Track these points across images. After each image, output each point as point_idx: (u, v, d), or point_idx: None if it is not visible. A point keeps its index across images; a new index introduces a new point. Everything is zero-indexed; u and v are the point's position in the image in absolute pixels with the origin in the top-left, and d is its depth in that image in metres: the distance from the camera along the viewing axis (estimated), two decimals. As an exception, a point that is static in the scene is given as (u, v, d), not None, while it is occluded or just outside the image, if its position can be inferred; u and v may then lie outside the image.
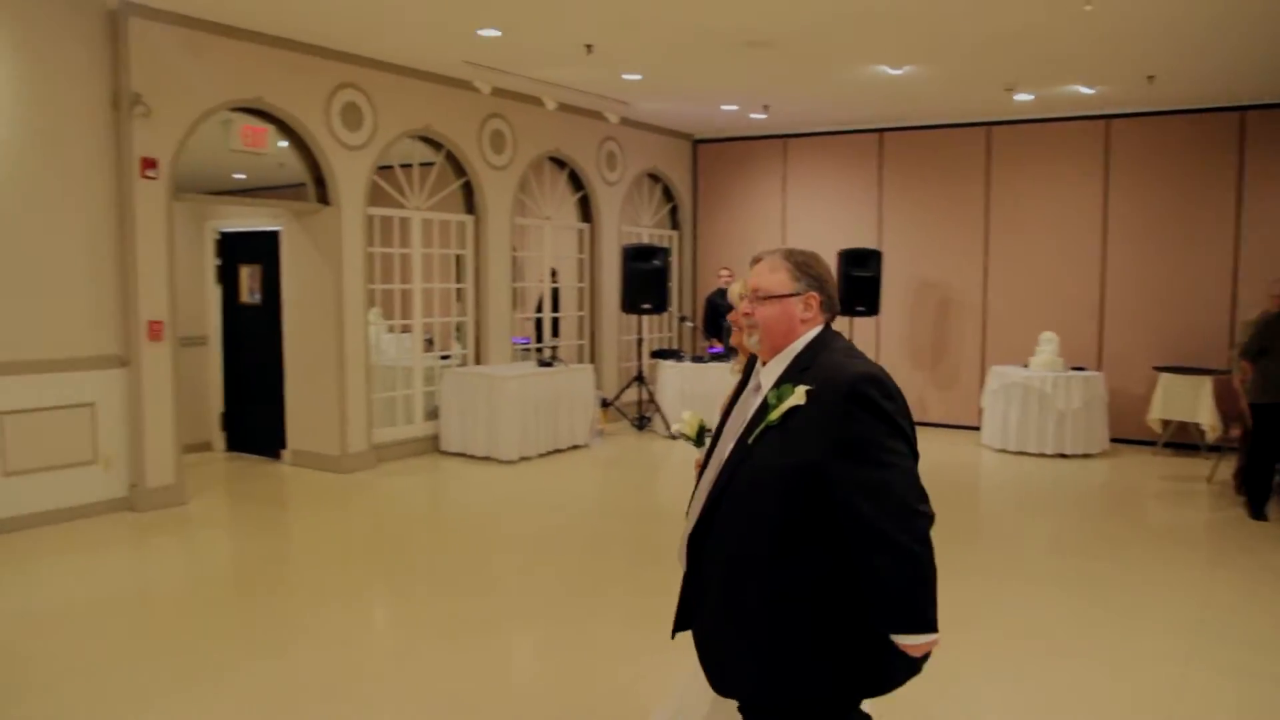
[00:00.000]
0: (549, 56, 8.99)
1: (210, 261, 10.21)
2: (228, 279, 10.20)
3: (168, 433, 7.77)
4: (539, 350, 11.63)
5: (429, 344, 10.62)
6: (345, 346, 9.14)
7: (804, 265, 2.68)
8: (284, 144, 8.78)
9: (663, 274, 11.70)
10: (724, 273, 11.96)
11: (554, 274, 12.25)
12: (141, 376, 7.58)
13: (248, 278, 10.05)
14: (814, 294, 2.65)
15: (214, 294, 10.23)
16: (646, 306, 11.63)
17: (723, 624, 2.59)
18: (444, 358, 10.61)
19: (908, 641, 2.43)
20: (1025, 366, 10.68)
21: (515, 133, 10.86)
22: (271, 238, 9.66)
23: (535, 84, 10.19)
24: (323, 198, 9.06)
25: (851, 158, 12.71)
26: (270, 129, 8.54)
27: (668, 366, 11.51)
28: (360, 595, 5.91)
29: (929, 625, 2.41)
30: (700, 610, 2.68)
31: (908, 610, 2.40)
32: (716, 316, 11.93)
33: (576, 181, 12.13)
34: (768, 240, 13.28)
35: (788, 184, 13.19)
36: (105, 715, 4.19)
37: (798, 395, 2.50)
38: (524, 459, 9.83)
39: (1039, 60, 8.82)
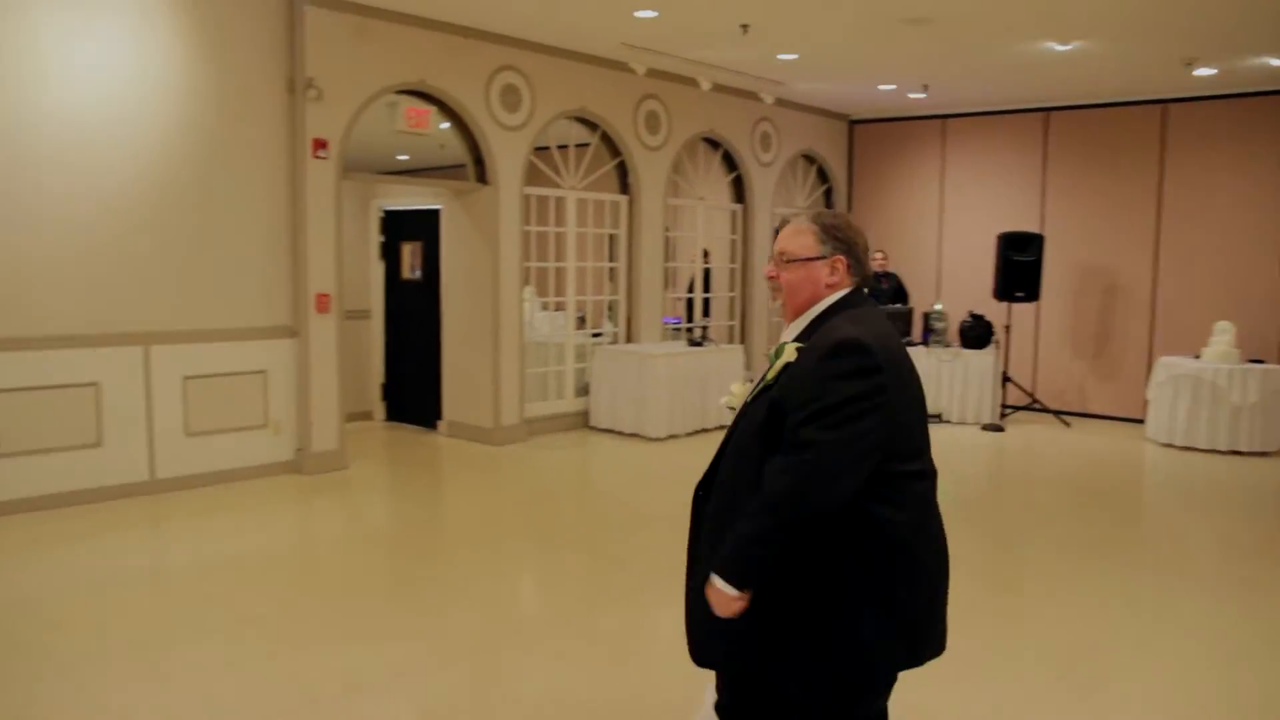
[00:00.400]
0: (704, 37, 9.00)
1: (374, 239, 10.63)
2: (390, 255, 10.61)
3: (332, 401, 8.16)
4: (689, 330, 11.69)
5: (581, 321, 10.81)
6: (500, 322, 9.40)
7: (832, 229, 2.61)
8: (445, 125, 9.06)
9: (815, 256, 11.55)
10: (878, 255, 11.76)
11: (706, 254, 12.29)
12: (309, 347, 7.98)
13: (409, 254, 10.43)
14: (840, 257, 2.58)
15: (377, 270, 10.66)
16: (798, 288, 11.52)
17: (705, 586, 2.50)
18: (595, 335, 10.79)
19: (716, 584, 2.39)
20: (1197, 358, 10.14)
21: (670, 113, 10.91)
22: (432, 216, 10.00)
23: (690, 65, 10.22)
24: (481, 177, 9.32)
25: (1014, 138, 12.29)
26: (433, 110, 8.82)
27: (818, 349, 11.39)
28: (509, 561, 6.10)
29: (740, 578, 2.37)
30: (691, 571, 2.64)
31: (737, 551, 2.37)
32: (869, 300, 11.76)
33: (730, 162, 12.11)
34: (924, 223, 13.01)
35: (946, 166, 12.86)
36: (276, 660, 4.46)
37: (789, 353, 2.48)
38: (671, 436, 9.92)
39: (1223, 31, 8.34)
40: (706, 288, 12.35)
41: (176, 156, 7.27)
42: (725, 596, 2.38)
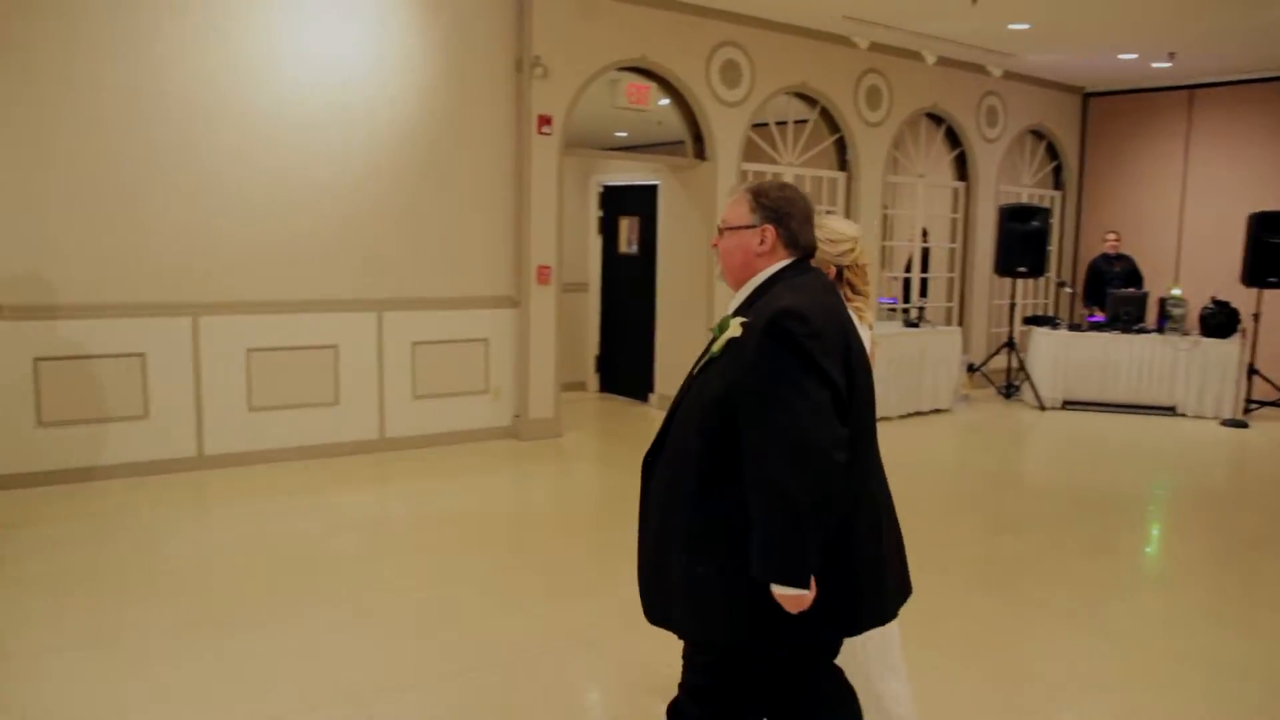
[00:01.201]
0: (931, 8, 8.73)
1: (593, 213, 10.88)
2: (608, 230, 10.83)
3: (549, 370, 8.43)
4: (905, 310, 11.41)
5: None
6: (714, 298, 9.45)
7: (763, 197, 2.57)
8: (664, 101, 9.15)
9: (1042, 236, 11.05)
10: (1110, 237, 11.15)
11: (924, 233, 11.95)
12: (529, 317, 8.27)
13: (626, 229, 10.62)
14: (770, 226, 2.54)
15: (595, 244, 10.90)
16: (1022, 270, 11.06)
17: (651, 552, 2.56)
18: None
19: (778, 591, 2.31)
20: None
21: (891, 88, 10.65)
22: (650, 191, 10.14)
23: (915, 38, 9.94)
24: (699, 153, 9.37)
25: (1272, 110, 11.34)
26: (653, 87, 8.93)
27: (1041, 334, 10.90)
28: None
29: (792, 578, 2.28)
30: (641, 536, 2.64)
31: (776, 556, 2.28)
32: (1100, 283, 11.16)
33: (953, 138, 11.72)
34: (1163, 203, 12.21)
35: (1191, 140, 12.01)
36: (489, 615, 4.67)
37: (734, 328, 2.45)
38: (883, 419, 9.72)
39: None
40: (924, 267, 12.02)
41: (411, 135, 7.66)
42: (798, 597, 2.32)
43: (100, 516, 6.02)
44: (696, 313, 9.52)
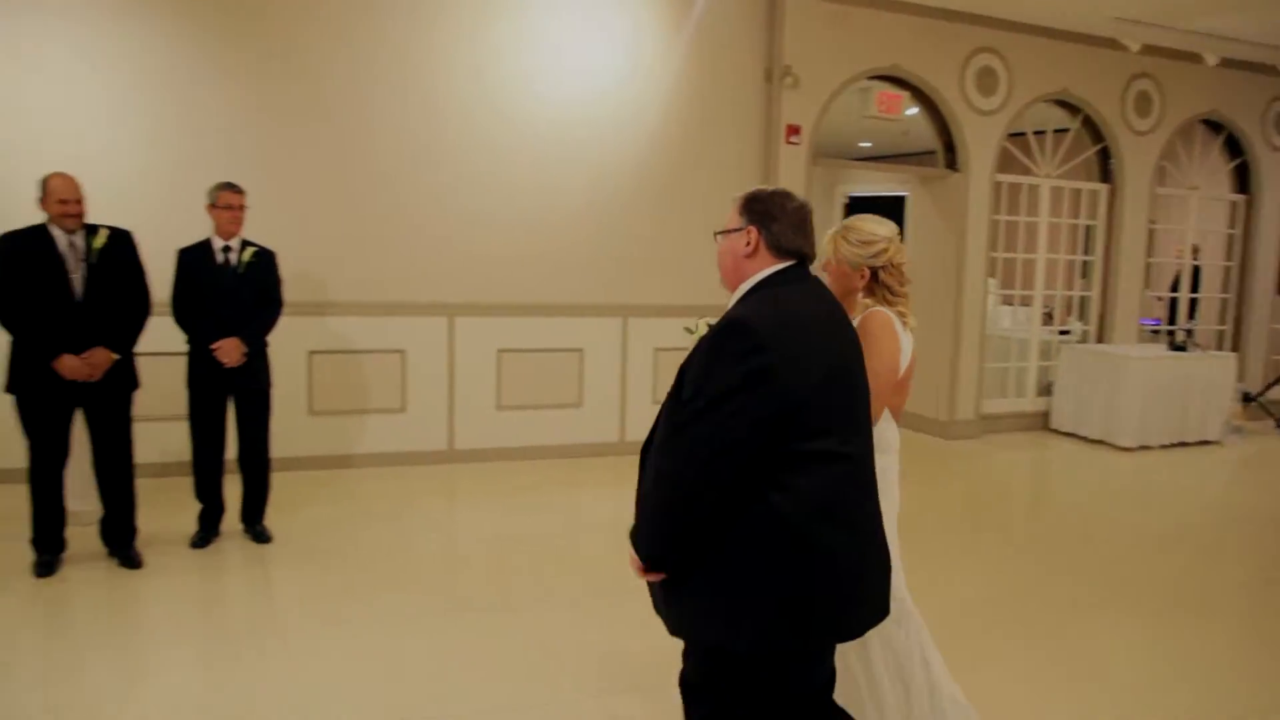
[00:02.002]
0: (1213, 4, 8.09)
1: (838, 225, 10.69)
2: (852, 242, 10.62)
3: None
4: (1170, 333, 10.62)
5: (1047, 317, 10.20)
6: (962, 314, 9.10)
7: (752, 201, 2.58)
8: (913, 111, 8.90)
9: (1336, 255, 10.04)
10: None
11: (1195, 250, 11.09)
12: (770, 327, 8.19)
13: (870, 241, 10.39)
14: (754, 228, 2.52)
15: (838, 256, 10.71)
16: (1310, 292, 10.09)
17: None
18: (1062, 333, 10.13)
19: (630, 554, 2.42)
20: None
21: (1164, 93, 9.94)
22: (897, 203, 9.89)
23: (1193, 38, 9.24)
24: (951, 164, 9.06)
25: None
26: (904, 96, 8.70)
27: (1332, 363, 9.92)
28: (953, 557, 5.89)
29: (639, 551, 2.40)
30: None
31: (636, 528, 2.41)
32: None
33: (1234, 147, 10.82)
34: None
35: None
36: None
37: (703, 327, 2.48)
38: (1143, 448, 9.09)
39: None
40: (1195, 287, 11.15)
41: (659, 144, 7.78)
42: (637, 565, 2.42)
43: (360, 501, 6.40)
44: (944, 328, 9.18)
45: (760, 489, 2.30)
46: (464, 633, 4.39)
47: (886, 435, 3.13)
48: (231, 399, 5.47)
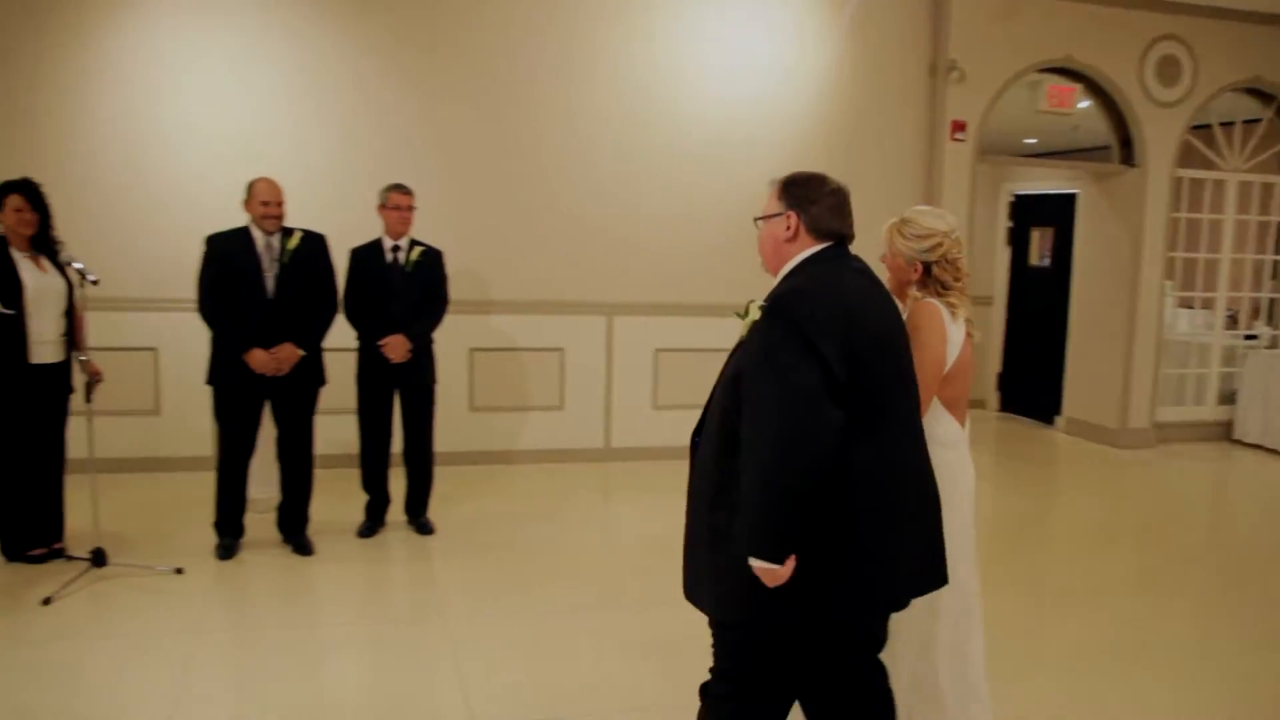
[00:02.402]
0: None
1: (1002, 224, 10.36)
2: (1018, 241, 10.28)
3: (949, 385, 8.10)
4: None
5: (1231, 321, 9.62)
6: (1136, 317, 8.68)
7: (789, 185, 2.64)
8: (1084, 104, 8.52)
9: None
10: None
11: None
12: (931, 329, 7.98)
13: (1039, 241, 10.03)
14: (793, 213, 2.59)
15: (1003, 256, 10.38)
16: None
17: (689, 530, 2.64)
18: (1248, 338, 9.54)
19: (755, 564, 2.35)
20: None
21: (1368, 82, 9.25)
22: (1066, 201, 9.50)
23: (1404, 21, 8.56)
24: (1127, 159, 8.64)
25: None
26: (1077, 88, 8.34)
27: None
28: (1125, 573, 5.62)
29: (762, 552, 2.33)
30: (689, 515, 2.67)
31: (750, 529, 2.35)
32: None
33: None
34: None
35: None
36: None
37: (754, 311, 2.47)
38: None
39: None
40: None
41: (818, 142, 7.68)
42: (771, 572, 2.35)
43: (518, 496, 6.54)
44: (1116, 332, 8.78)
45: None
46: (617, 626, 4.44)
47: (939, 428, 3.10)
48: (398, 394, 5.67)
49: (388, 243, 5.59)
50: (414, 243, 5.62)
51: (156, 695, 3.71)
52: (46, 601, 4.51)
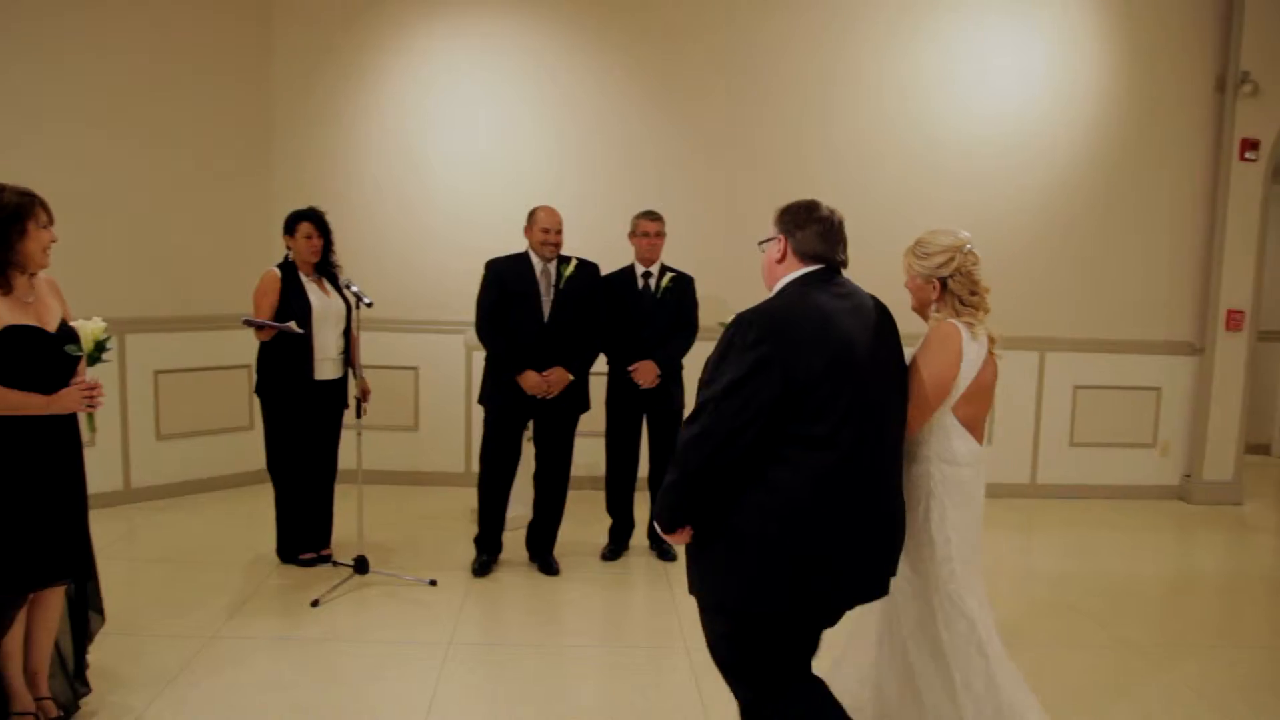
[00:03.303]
0: None
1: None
2: (1315, 272, 9.31)
3: (1232, 428, 7.41)
4: None
5: None
6: None
7: (783, 212, 2.88)
8: None
9: None
10: None
11: None
12: (1212, 367, 7.34)
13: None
14: (782, 237, 2.84)
15: (1297, 287, 9.44)
16: None
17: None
18: None
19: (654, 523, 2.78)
20: None
21: None
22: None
23: None
24: None
25: None
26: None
27: None
28: None
29: (659, 519, 2.71)
30: None
31: (658, 499, 2.71)
32: None
33: None
34: None
35: None
36: (1139, 686, 4.18)
37: (726, 324, 2.72)
38: None
39: None
40: None
41: (1089, 163, 7.23)
42: (661, 531, 2.75)
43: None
44: None
45: (763, 464, 2.61)
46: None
47: (955, 446, 3.17)
48: (646, 419, 5.71)
49: (639, 269, 5.66)
50: (665, 269, 5.66)
51: (410, 701, 3.87)
52: (315, 604, 4.80)
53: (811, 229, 2.84)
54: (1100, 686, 4.24)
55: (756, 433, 2.55)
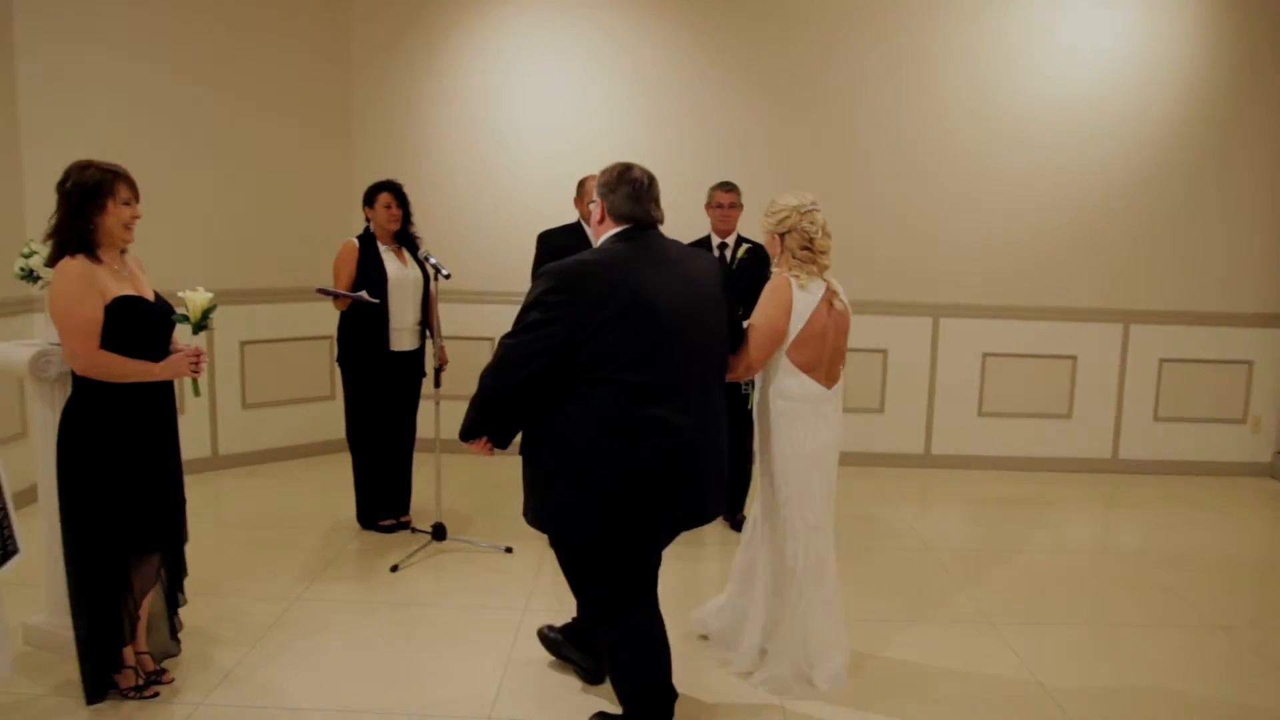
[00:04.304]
0: None
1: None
2: None
3: (1315, 404, 7.21)
4: None
5: None
6: None
7: (600, 176, 3.23)
8: None
9: None
10: None
11: None
12: (1308, 341, 7.14)
13: None
14: (599, 199, 3.20)
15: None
16: None
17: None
18: None
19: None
20: None
21: None
22: None
23: None
24: None
25: None
26: None
27: None
28: None
29: (462, 431, 3.16)
30: None
31: (466, 416, 3.14)
32: None
33: None
34: None
35: None
36: (1242, 669, 4.10)
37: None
38: None
39: None
40: None
41: (1173, 134, 7.01)
42: (471, 446, 3.19)
43: (838, 500, 6.39)
44: None
45: (560, 402, 2.98)
46: (925, 640, 4.26)
47: (788, 384, 3.63)
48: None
49: (715, 240, 5.66)
50: (741, 240, 5.65)
51: (485, 664, 3.96)
52: (394, 569, 4.92)
53: (622, 191, 3.16)
54: (1188, 667, 4.17)
55: (543, 366, 2.93)
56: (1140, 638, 4.43)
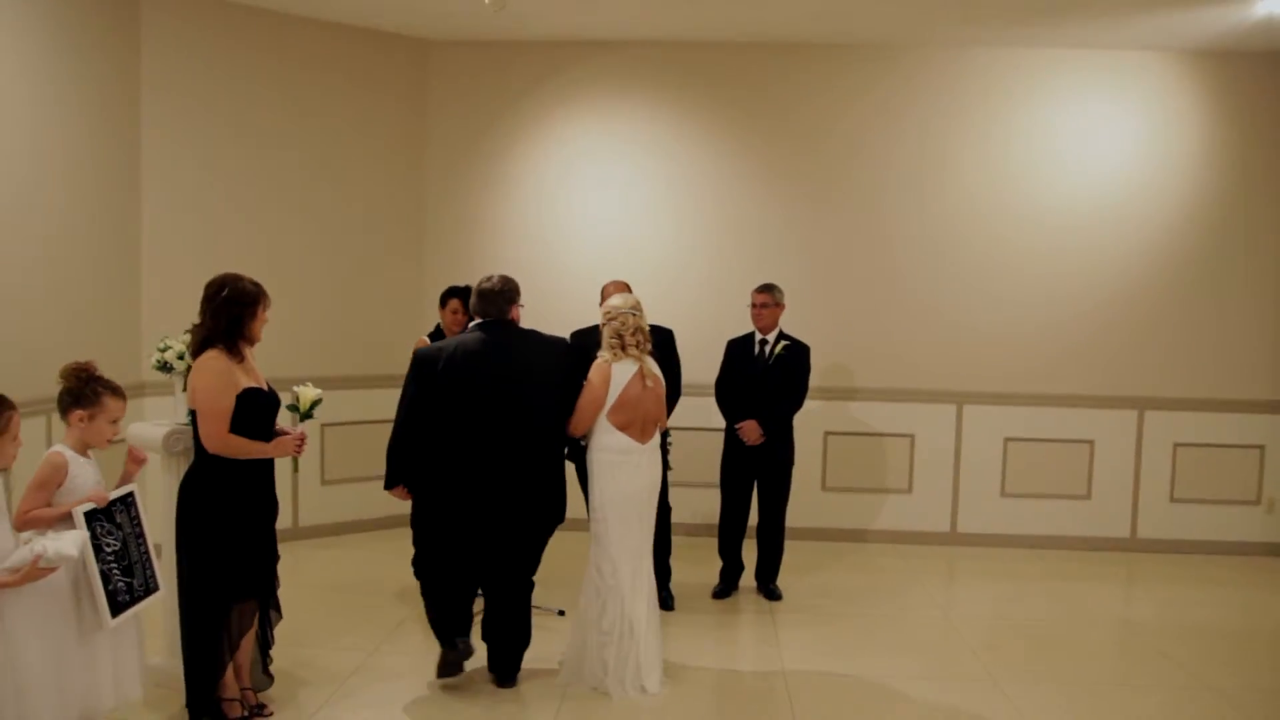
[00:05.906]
0: None
1: None
2: None
3: (1336, 486, 7.56)
4: None
5: None
6: None
7: (475, 289, 4.71)
8: None
9: None
10: None
11: None
12: (1318, 423, 7.54)
13: None
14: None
15: None
16: None
17: None
18: None
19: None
20: None
21: None
22: None
23: None
24: None
25: None
26: None
27: None
28: None
29: (386, 480, 4.57)
30: None
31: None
32: None
33: None
34: None
35: None
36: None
37: None
38: None
39: None
40: None
41: (1180, 232, 7.55)
42: (388, 490, 4.65)
43: (865, 573, 6.90)
44: None
45: (433, 446, 4.42)
46: (949, 697, 4.71)
47: (605, 439, 4.67)
48: (757, 472, 6.28)
49: (757, 336, 6.29)
50: (781, 337, 6.25)
51: (536, 712, 4.48)
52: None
53: (475, 296, 4.58)
54: (1168, 720, 4.55)
55: (418, 423, 4.38)
56: (1129, 699, 4.82)
